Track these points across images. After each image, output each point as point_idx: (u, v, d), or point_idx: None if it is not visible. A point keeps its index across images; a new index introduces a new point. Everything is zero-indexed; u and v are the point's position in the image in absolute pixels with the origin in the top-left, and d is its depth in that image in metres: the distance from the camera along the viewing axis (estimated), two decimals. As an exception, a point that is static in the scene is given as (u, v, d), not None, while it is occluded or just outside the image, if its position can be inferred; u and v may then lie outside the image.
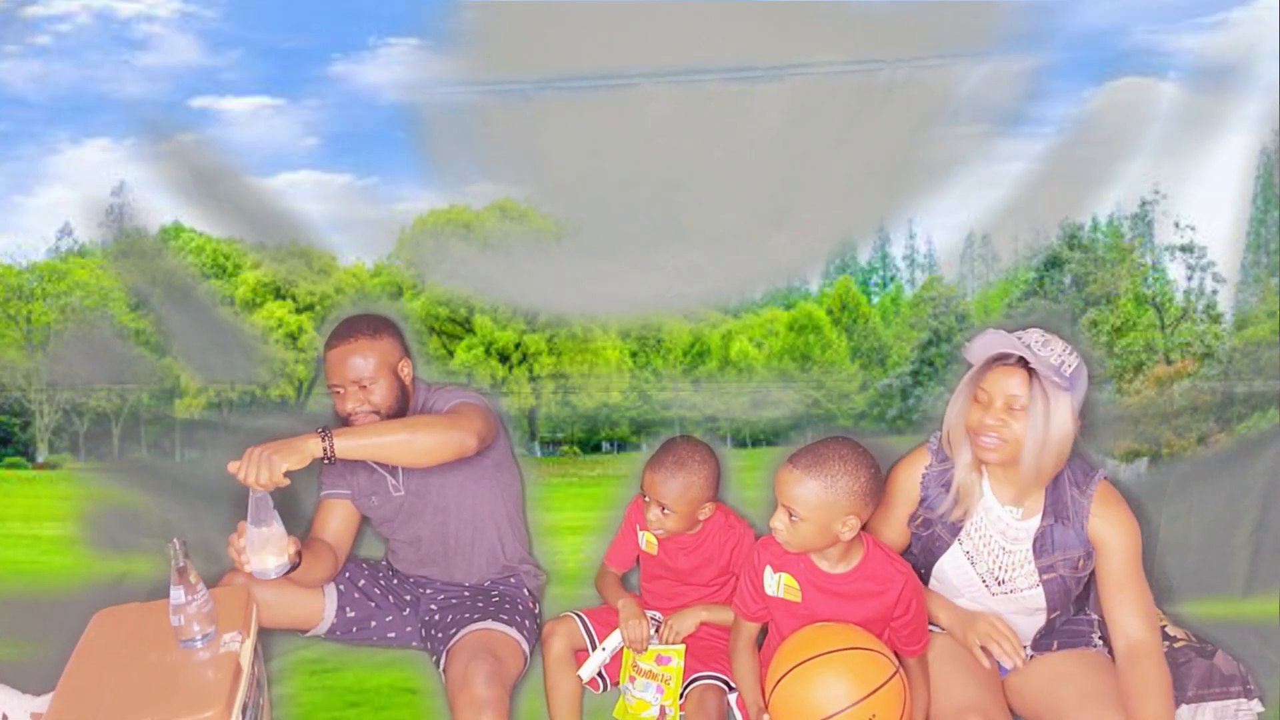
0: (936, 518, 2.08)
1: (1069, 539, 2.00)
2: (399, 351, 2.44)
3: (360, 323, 2.42)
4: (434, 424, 2.21)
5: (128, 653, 1.94)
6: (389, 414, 2.37)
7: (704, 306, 2.86)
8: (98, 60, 2.72)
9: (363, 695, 2.40)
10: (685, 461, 2.24)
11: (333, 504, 2.54)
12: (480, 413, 2.32)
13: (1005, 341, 1.93)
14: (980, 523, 2.06)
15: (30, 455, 3.00)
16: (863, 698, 1.78)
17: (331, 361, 2.38)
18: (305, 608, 2.44)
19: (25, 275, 2.90)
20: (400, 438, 2.16)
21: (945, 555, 2.08)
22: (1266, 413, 2.66)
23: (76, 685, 1.86)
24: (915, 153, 2.67)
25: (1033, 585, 2.02)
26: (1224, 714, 2.07)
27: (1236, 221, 2.63)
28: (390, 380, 2.38)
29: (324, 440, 2.07)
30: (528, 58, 2.67)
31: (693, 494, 2.23)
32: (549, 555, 2.87)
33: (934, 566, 2.11)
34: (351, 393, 2.35)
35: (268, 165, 2.78)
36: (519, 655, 2.33)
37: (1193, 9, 2.51)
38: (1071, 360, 1.92)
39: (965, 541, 2.07)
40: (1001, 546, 2.04)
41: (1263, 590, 2.67)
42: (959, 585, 2.10)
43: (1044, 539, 2.01)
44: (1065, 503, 2.00)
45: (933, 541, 2.10)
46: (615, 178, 2.77)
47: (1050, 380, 1.88)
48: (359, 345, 2.36)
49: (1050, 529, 2.01)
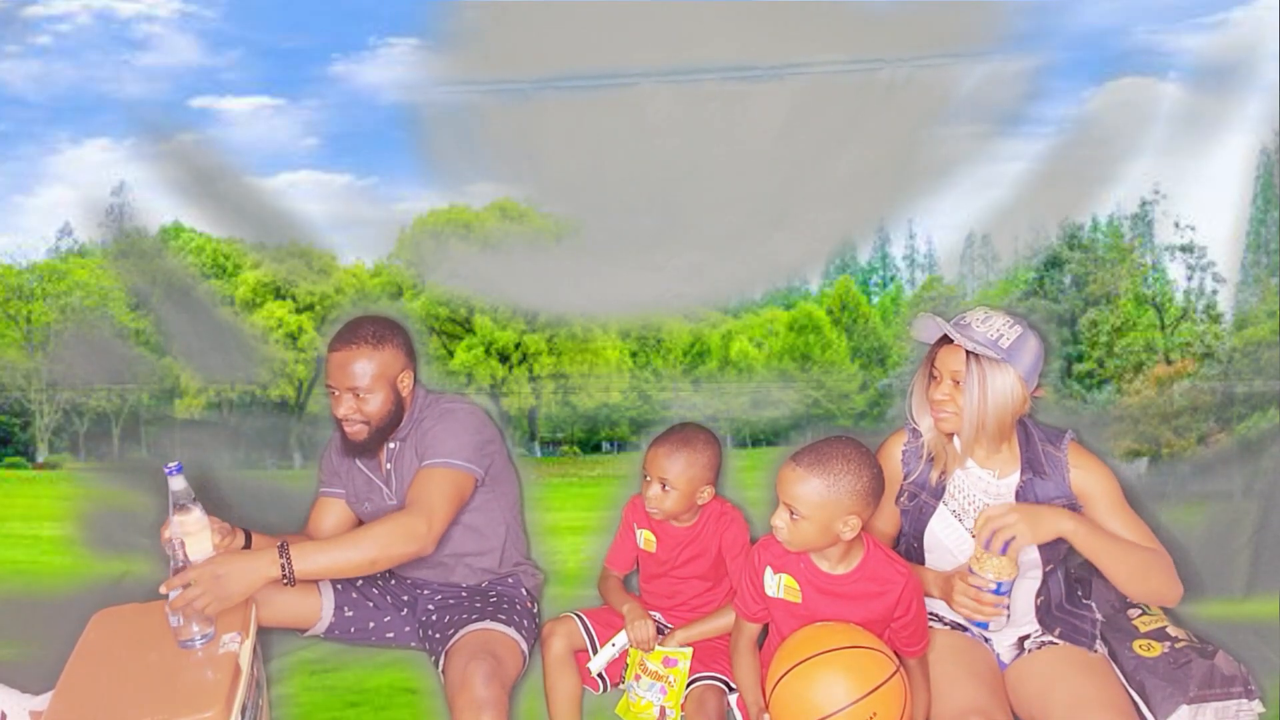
0: (919, 486, 2.17)
1: (1049, 490, 2.08)
2: (401, 362, 2.42)
3: (366, 328, 2.40)
4: (396, 543, 2.21)
5: (127, 652, 1.94)
6: (379, 425, 2.38)
7: (704, 306, 2.86)
8: (98, 60, 2.72)
9: (363, 695, 2.40)
10: (691, 440, 2.29)
11: (329, 502, 2.54)
12: (453, 482, 2.33)
13: (934, 323, 2.09)
14: (962, 482, 2.15)
15: (30, 455, 3.00)
16: (863, 696, 1.78)
17: (331, 363, 2.37)
18: (303, 607, 2.44)
19: (25, 275, 2.90)
20: (364, 560, 2.18)
21: (933, 518, 2.15)
22: (1266, 413, 2.66)
23: (76, 684, 1.86)
24: (915, 153, 2.67)
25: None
26: (1225, 714, 2.07)
27: (1236, 221, 2.63)
28: (387, 392, 2.38)
29: (283, 566, 2.09)
30: (527, 58, 2.67)
31: (694, 472, 2.27)
32: (549, 555, 2.87)
33: (924, 533, 2.16)
34: (346, 399, 2.36)
35: (268, 165, 2.78)
36: (518, 655, 2.33)
37: (1193, 9, 2.51)
38: (1011, 333, 2.03)
39: (950, 502, 2.14)
40: (985, 503, 2.11)
41: (1263, 591, 2.67)
42: (950, 545, 2.13)
43: (1025, 492, 2.09)
44: (1039, 458, 2.10)
45: (919, 510, 2.16)
46: (615, 178, 2.77)
47: (985, 354, 2.00)
48: (360, 352, 2.35)
49: (1030, 482, 2.09)
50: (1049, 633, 2.13)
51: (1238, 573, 2.69)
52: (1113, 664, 2.14)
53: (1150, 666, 2.10)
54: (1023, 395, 2.05)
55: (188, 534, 2.02)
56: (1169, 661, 2.11)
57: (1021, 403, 2.06)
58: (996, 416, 2.04)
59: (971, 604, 1.95)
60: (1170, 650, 2.14)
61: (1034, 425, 2.15)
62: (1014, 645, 2.14)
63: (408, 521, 2.24)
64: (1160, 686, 2.06)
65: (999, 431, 2.06)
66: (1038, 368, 2.07)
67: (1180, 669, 2.09)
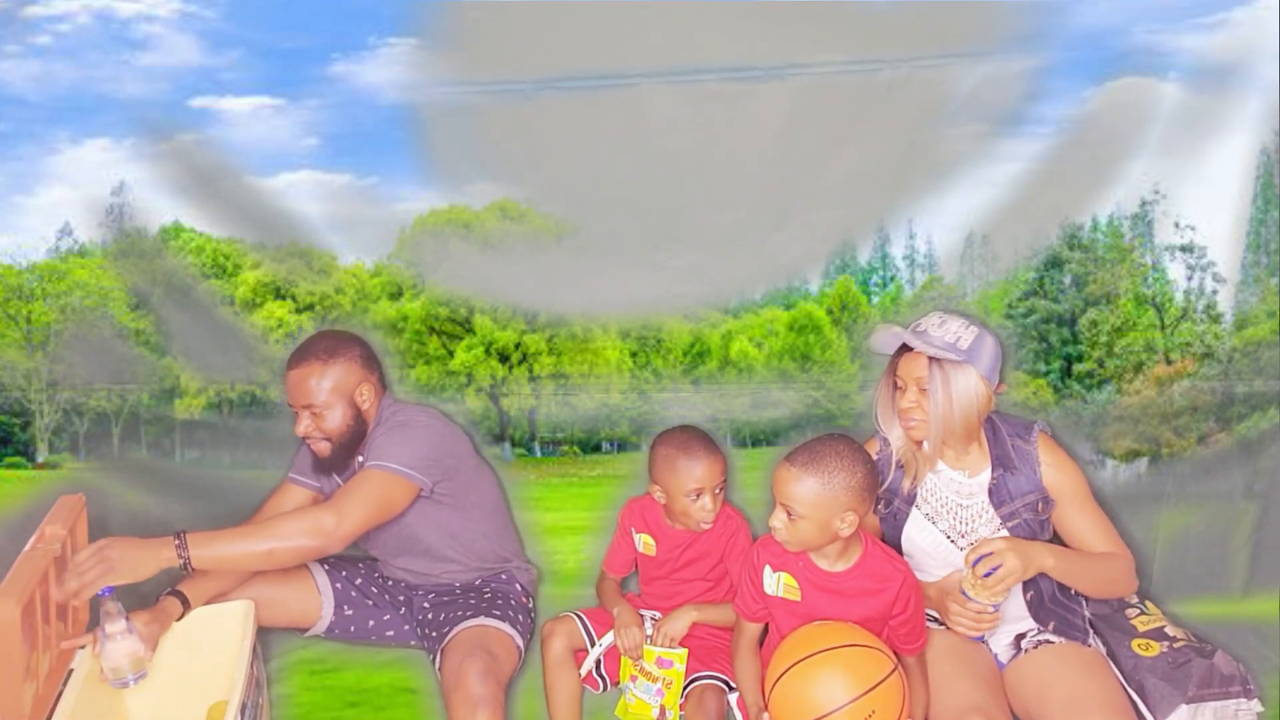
0: (892, 493, 2.19)
1: (1022, 484, 2.12)
2: (358, 375, 2.38)
3: (317, 344, 2.38)
4: (297, 535, 2.15)
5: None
6: (341, 440, 2.36)
7: (704, 306, 2.86)
8: (98, 60, 2.73)
9: (363, 695, 2.40)
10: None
11: (295, 490, 2.51)
12: (382, 485, 2.27)
13: (892, 334, 2.12)
14: (933, 485, 2.17)
15: (30, 455, 3.00)
16: (861, 694, 1.78)
17: (287, 383, 2.36)
18: (302, 606, 2.45)
19: (25, 275, 2.90)
20: (262, 551, 2.12)
21: (908, 523, 2.18)
22: (1266, 413, 2.66)
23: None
24: (915, 153, 2.67)
25: (997, 533, 2.09)
26: (1224, 714, 2.07)
27: (1236, 221, 2.63)
28: (344, 407, 2.35)
29: (180, 553, 2.04)
30: (528, 58, 2.67)
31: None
32: (549, 555, 2.87)
33: (901, 538, 2.19)
34: (304, 417, 2.35)
35: (268, 165, 2.78)
36: (513, 651, 2.33)
37: (1193, 9, 2.51)
38: (968, 335, 2.06)
39: (923, 505, 2.17)
40: (958, 504, 2.15)
41: (1262, 590, 2.66)
42: (926, 548, 2.16)
43: (999, 489, 2.12)
44: (1009, 453, 2.13)
45: (894, 516, 2.20)
46: (615, 178, 2.77)
47: (946, 357, 2.04)
48: (311, 370, 2.33)
49: (1002, 478, 2.12)
50: (1044, 628, 2.13)
51: (1237, 572, 2.69)
52: (1111, 663, 2.14)
53: (1149, 666, 2.10)
54: (987, 394, 2.08)
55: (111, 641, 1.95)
56: (1168, 661, 2.10)
57: (986, 401, 2.09)
58: (963, 418, 2.07)
59: (970, 623, 1.98)
60: (1169, 650, 2.14)
61: (1001, 420, 2.18)
62: (1011, 644, 2.14)
63: (317, 516, 2.18)
64: (1159, 686, 2.06)
65: (967, 432, 2.10)
66: (997, 365, 2.11)
67: (1179, 668, 2.09)
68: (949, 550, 2.15)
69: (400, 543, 2.47)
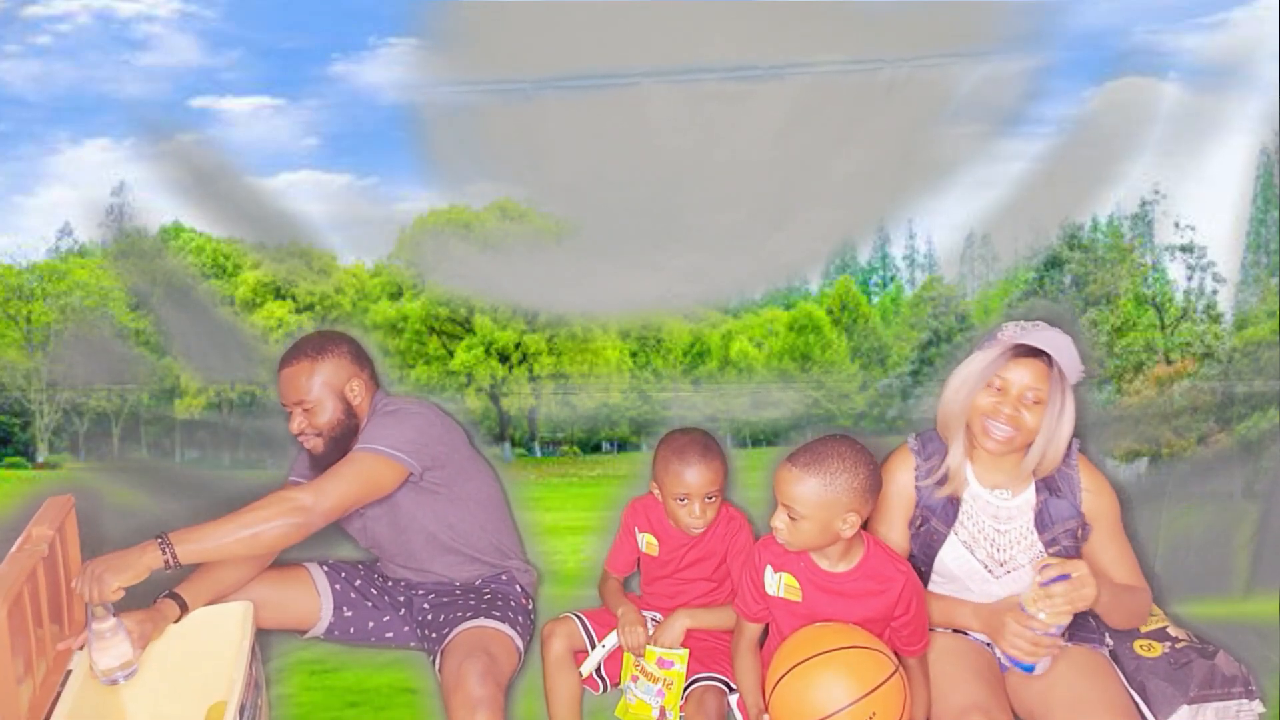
0: (929, 511, 2.12)
1: (1064, 510, 2.07)
2: (347, 370, 2.42)
3: (306, 343, 2.43)
4: (275, 515, 2.14)
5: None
6: (334, 435, 2.38)
7: (704, 306, 2.86)
8: (98, 60, 2.72)
9: (362, 695, 2.39)
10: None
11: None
12: (366, 466, 2.27)
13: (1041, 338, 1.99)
14: (970, 510, 2.11)
15: (30, 455, 3.00)
16: (862, 696, 1.78)
17: (279, 383, 2.41)
18: (302, 608, 2.45)
19: (25, 275, 2.90)
20: (246, 535, 2.11)
21: (944, 548, 2.11)
22: (1266, 413, 2.66)
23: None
24: (915, 153, 2.67)
25: (1036, 559, 2.04)
26: (1225, 715, 2.07)
27: (1236, 221, 2.63)
28: (335, 402, 2.38)
29: (164, 550, 2.04)
30: (528, 57, 2.67)
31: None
32: (549, 555, 2.87)
33: (934, 561, 2.13)
34: (296, 414, 2.38)
35: (268, 165, 2.78)
36: (513, 652, 2.33)
37: (1193, 9, 2.51)
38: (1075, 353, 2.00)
39: (960, 531, 2.10)
40: (995, 529, 2.09)
41: (1263, 591, 2.67)
42: (961, 576, 2.11)
43: (1043, 513, 2.07)
44: (1054, 476, 2.08)
45: (930, 536, 2.12)
46: (615, 178, 2.76)
47: (1068, 379, 1.98)
48: (301, 368, 2.38)
49: (1046, 503, 2.08)
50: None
51: (1238, 572, 2.69)
52: (1114, 664, 2.13)
53: (1151, 667, 2.10)
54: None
55: (100, 640, 1.96)
56: (1170, 662, 2.10)
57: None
58: (1062, 445, 2.01)
59: (1027, 645, 1.90)
60: (1171, 650, 2.14)
61: None
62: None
63: (294, 495, 2.19)
64: (1161, 687, 2.06)
65: (1054, 461, 2.03)
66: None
67: (1181, 669, 2.09)
68: (984, 578, 2.09)
69: (398, 533, 2.47)
